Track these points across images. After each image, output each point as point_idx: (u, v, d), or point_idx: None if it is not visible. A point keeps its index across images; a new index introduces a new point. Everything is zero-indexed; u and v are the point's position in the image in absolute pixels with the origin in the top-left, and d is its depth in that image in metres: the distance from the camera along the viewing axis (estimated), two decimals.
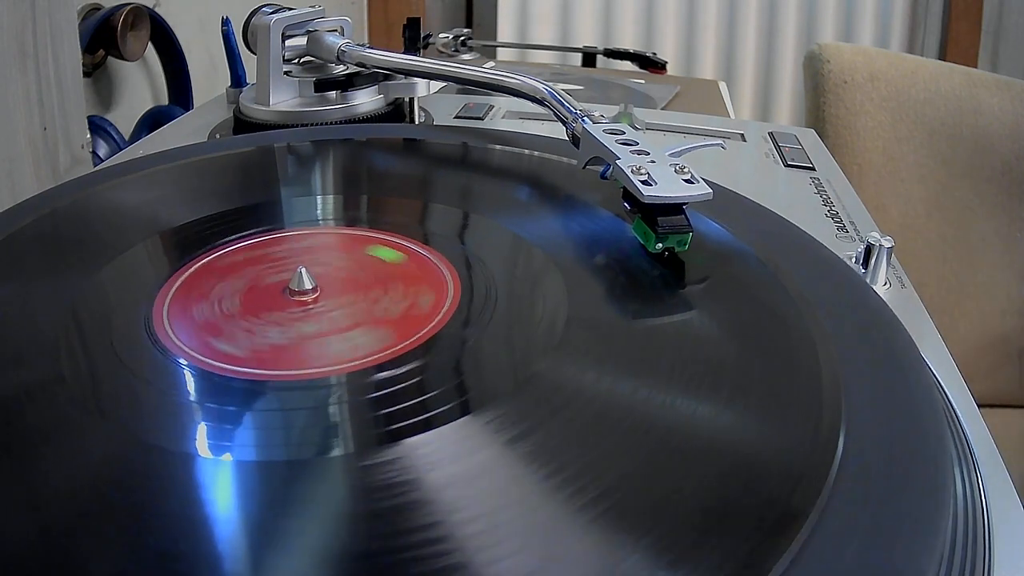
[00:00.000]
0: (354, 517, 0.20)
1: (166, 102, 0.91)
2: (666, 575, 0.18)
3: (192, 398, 0.25)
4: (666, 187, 0.31)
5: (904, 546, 0.19)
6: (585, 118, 0.38)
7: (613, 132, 0.35)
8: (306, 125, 0.49)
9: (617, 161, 0.33)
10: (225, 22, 0.59)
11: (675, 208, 0.31)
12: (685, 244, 0.31)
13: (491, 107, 0.58)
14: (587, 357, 0.26)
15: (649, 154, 0.33)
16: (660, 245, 0.31)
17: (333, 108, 0.50)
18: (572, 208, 0.36)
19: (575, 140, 0.38)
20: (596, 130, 0.36)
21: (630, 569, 0.19)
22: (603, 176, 0.35)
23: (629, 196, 0.32)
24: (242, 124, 0.52)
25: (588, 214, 0.35)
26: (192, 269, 0.31)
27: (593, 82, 0.98)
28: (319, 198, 0.38)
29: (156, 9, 0.86)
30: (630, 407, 0.24)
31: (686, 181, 0.31)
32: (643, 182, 0.31)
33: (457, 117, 0.56)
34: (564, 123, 0.39)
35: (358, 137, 0.44)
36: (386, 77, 0.52)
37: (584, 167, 0.36)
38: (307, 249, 0.33)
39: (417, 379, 0.25)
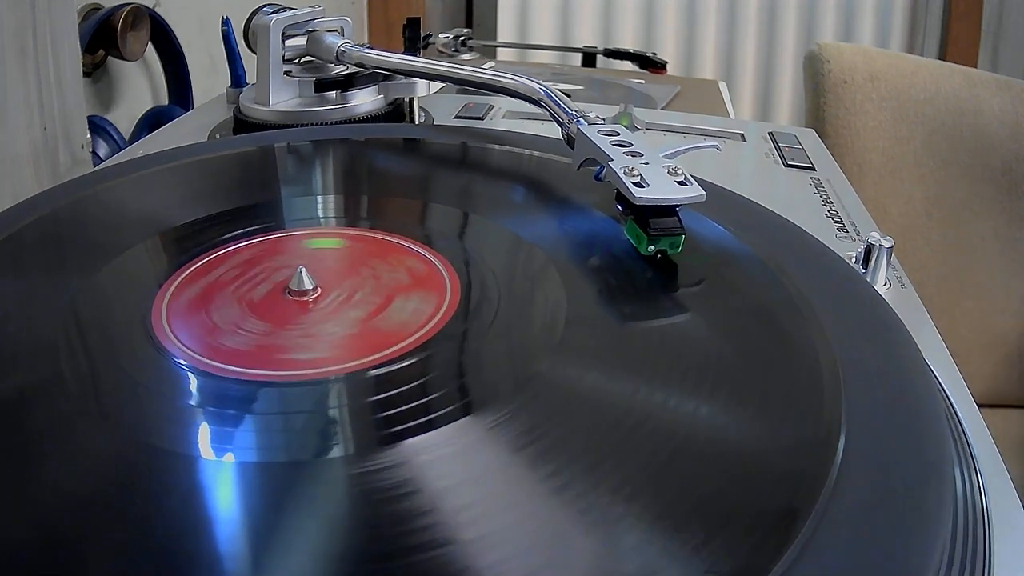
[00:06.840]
0: (354, 519, 0.20)
1: (166, 102, 0.91)
2: (666, 575, 0.18)
3: (192, 399, 0.25)
4: (658, 189, 0.31)
5: (904, 546, 0.19)
6: (580, 119, 0.37)
7: (608, 133, 0.35)
8: (306, 125, 0.49)
9: (610, 163, 0.33)
10: (225, 22, 0.59)
11: (668, 210, 0.31)
12: (678, 247, 0.31)
13: (491, 107, 0.58)
14: (588, 357, 0.26)
15: (643, 155, 0.33)
16: (652, 247, 0.30)
17: (333, 108, 0.50)
18: (572, 208, 0.36)
19: (570, 141, 0.38)
20: (590, 131, 0.35)
21: (631, 569, 0.19)
22: (597, 178, 0.35)
23: (622, 198, 0.32)
24: (242, 124, 0.52)
25: (588, 214, 0.35)
26: (192, 268, 0.31)
27: (593, 82, 0.98)
28: (318, 198, 0.38)
29: (156, 9, 0.86)
30: (631, 407, 0.24)
31: (679, 183, 0.31)
32: (635, 184, 0.31)
33: (457, 117, 0.56)
34: (560, 124, 0.39)
35: (357, 137, 0.44)
36: (386, 77, 0.52)
37: (578, 168, 0.36)
38: (301, 247, 0.33)
39: (418, 380, 0.25)
